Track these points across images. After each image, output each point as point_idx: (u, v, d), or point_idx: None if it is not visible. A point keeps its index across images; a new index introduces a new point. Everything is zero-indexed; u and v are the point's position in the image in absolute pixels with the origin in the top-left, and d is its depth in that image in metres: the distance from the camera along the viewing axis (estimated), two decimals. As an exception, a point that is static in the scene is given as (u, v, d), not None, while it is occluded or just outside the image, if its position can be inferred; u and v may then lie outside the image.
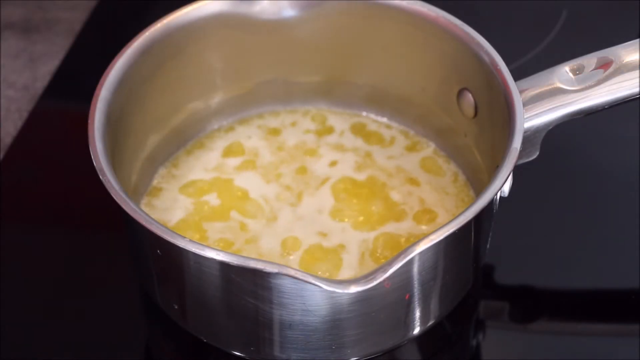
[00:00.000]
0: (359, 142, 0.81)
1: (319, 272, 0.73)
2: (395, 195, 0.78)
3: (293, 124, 0.83)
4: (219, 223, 0.76)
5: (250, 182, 0.79)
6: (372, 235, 0.75)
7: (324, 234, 0.75)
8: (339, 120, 0.83)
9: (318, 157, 0.80)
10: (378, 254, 0.74)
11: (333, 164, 0.80)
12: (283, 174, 0.79)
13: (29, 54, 0.97)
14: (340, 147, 0.81)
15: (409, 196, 0.78)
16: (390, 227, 0.76)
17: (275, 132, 0.82)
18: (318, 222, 0.76)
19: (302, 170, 0.79)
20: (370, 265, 0.73)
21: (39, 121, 0.89)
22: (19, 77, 0.95)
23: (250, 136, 0.82)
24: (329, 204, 0.77)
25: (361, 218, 0.76)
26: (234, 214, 0.77)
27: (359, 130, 0.82)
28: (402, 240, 0.75)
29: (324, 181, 0.79)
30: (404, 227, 0.76)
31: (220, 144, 0.81)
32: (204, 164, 0.80)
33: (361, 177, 0.79)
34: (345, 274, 0.73)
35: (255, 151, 0.81)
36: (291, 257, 0.74)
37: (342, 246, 0.74)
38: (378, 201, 0.77)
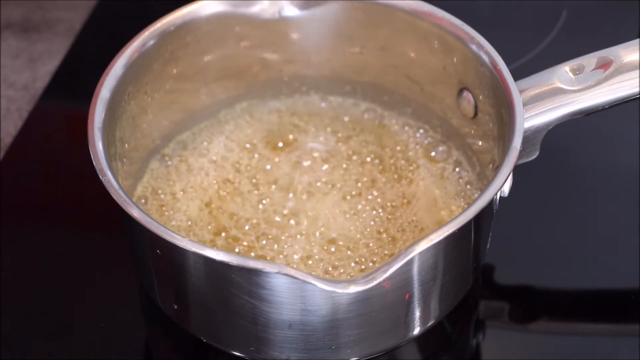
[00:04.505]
0: (358, 139, 0.81)
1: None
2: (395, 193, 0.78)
3: (293, 122, 0.83)
4: (219, 224, 0.76)
5: (253, 181, 0.79)
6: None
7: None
8: (338, 119, 0.83)
9: (316, 152, 0.80)
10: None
11: (332, 158, 0.80)
12: (283, 169, 0.79)
13: (29, 54, 0.97)
14: (339, 144, 0.81)
15: (408, 194, 0.78)
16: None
17: (275, 129, 0.82)
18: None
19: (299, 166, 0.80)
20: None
21: (39, 121, 0.89)
22: (19, 77, 0.95)
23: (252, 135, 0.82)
24: (334, 196, 0.77)
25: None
26: (235, 214, 0.77)
27: (357, 127, 0.82)
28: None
29: (326, 177, 0.79)
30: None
31: (220, 143, 0.81)
32: (204, 164, 0.80)
33: (358, 172, 0.79)
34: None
35: (256, 148, 0.81)
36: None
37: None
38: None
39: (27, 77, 0.95)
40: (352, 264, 0.74)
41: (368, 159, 0.80)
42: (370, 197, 0.78)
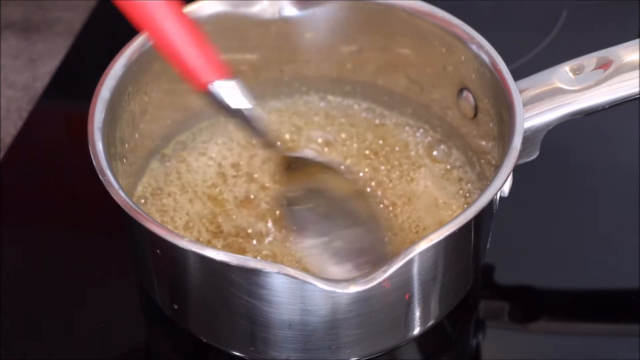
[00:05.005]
0: (358, 139, 0.81)
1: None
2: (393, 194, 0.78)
3: (293, 122, 0.83)
4: (219, 224, 0.76)
5: (253, 182, 0.79)
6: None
7: None
8: (338, 119, 0.83)
9: (316, 152, 0.80)
10: None
11: (332, 158, 0.80)
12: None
13: (29, 54, 0.97)
14: (339, 144, 0.81)
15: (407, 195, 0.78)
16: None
17: (275, 129, 0.82)
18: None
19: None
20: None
21: (39, 121, 0.89)
22: (19, 77, 0.95)
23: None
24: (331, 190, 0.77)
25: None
26: (235, 214, 0.77)
27: (357, 127, 0.82)
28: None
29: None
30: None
31: (220, 143, 0.81)
32: (204, 164, 0.80)
33: (358, 172, 0.79)
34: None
35: (256, 148, 0.81)
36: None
37: None
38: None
39: (27, 77, 0.95)
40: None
41: (368, 159, 0.80)
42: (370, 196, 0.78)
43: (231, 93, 0.69)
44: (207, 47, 0.68)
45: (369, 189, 0.77)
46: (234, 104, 0.69)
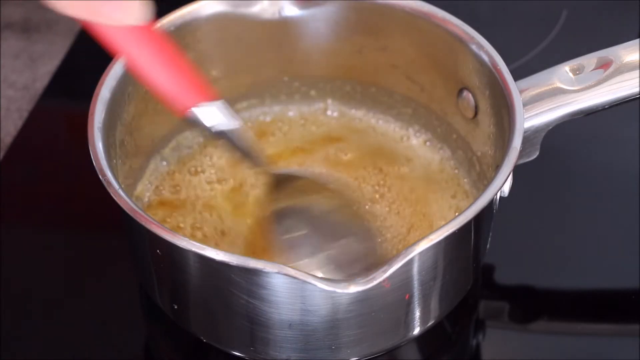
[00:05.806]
0: (358, 139, 0.81)
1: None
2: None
3: (293, 122, 0.83)
4: (219, 223, 0.76)
5: (252, 182, 0.79)
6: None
7: None
8: (338, 119, 0.83)
9: (315, 154, 0.80)
10: None
11: (331, 160, 0.80)
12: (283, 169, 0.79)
13: (29, 54, 0.97)
14: (339, 143, 0.81)
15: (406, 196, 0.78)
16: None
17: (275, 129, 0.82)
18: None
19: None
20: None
21: (39, 121, 0.89)
22: (19, 77, 0.95)
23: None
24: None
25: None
26: (235, 214, 0.77)
27: (357, 128, 0.82)
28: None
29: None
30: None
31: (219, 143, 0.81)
32: (203, 164, 0.80)
33: (358, 172, 0.79)
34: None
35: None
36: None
37: None
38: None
39: (27, 77, 0.95)
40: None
41: (368, 159, 0.80)
42: (370, 197, 0.78)
43: (212, 116, 0.68)
44: (184, 70, 0.67)
45: (357, 196, 0.77)
46: (215, 128, 0.68)
